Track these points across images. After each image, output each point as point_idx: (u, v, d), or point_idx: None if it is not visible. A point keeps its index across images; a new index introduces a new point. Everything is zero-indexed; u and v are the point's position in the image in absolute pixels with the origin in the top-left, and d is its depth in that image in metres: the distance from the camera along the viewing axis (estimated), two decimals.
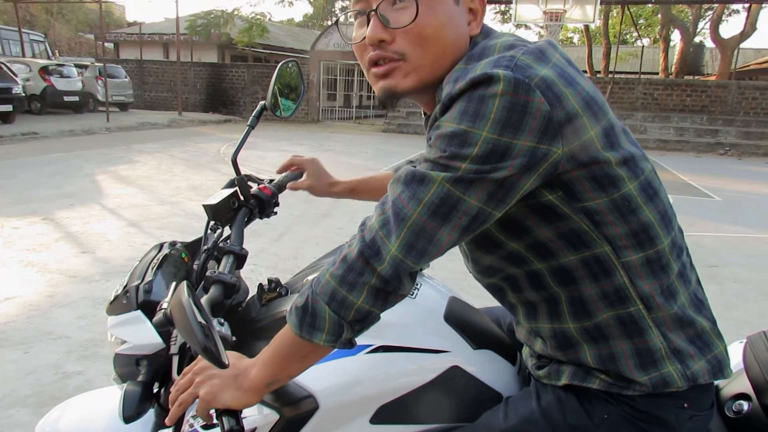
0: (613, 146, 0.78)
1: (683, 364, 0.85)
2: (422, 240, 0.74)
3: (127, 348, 1.01)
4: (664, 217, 0.84)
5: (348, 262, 0.77)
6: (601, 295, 0.84)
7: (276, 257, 4.37)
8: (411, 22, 0.78)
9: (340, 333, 0.79)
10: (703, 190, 8.62)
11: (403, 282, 0.77)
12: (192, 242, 1.23)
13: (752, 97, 16.48)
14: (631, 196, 0.79)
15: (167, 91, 20.96)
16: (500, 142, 0.69)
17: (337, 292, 0.77)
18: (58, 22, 32.99)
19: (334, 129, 17.21)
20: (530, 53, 0.74)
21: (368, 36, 0.80)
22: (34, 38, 21.48)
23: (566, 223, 0.79)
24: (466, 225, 0.74)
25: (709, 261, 4.76)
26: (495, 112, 0.68)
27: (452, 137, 0.71)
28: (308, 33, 33.74)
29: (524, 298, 0.91)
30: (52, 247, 4.44)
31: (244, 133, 1.18)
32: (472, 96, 0.70)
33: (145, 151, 10.38)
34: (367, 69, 0.85)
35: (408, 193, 0.74)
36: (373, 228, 0.77)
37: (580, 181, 0.76)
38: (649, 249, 0.82)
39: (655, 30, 29.22)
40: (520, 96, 0.68)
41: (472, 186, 0.71)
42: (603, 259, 0.81)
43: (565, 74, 0.74)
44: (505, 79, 0.69)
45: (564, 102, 0.71)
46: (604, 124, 0.77)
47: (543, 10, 14.06)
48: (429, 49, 0.80)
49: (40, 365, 2.64)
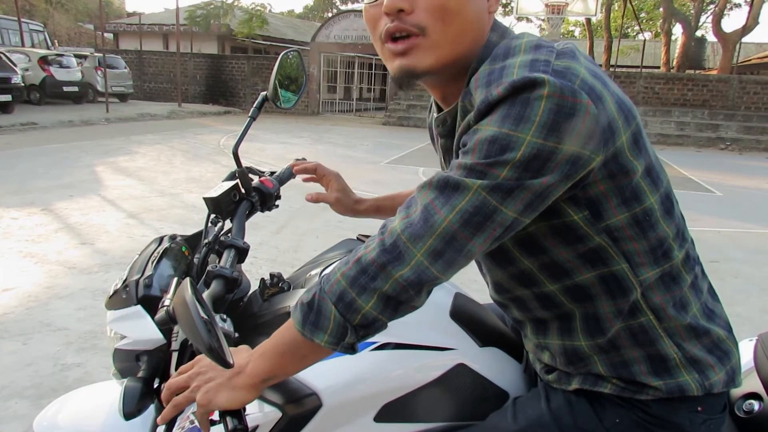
0: (640, 153, 0.74)
1: (702, 374, 0.83)
2: (451, 249, 0.69)
3: (127, 343, 0.99)
4: (679, 231, 0.82)
5: (362, 264, 0.72)
6: (616, 312, 0.81)
7: (276, 250, 4.36)
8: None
9: (343, 336, 0.74)
10: (704, 185, 8.61)
11: (421, 293, 0.72)
12: (192, 235, 1.21)
13: (753, 92, 16.43)
14: (651, 210, 0.76)
15: (167, 82, 20.89)
16: (545, 147, 0.64)
17: (347, 294, 0.73)
18: (58, 12, 32.82)
19: (334, 121, 17.16)
20: (563, 54, 0.70)
21: (387, 3, 0.73)
22: (34, 28, 21.37)
23: (586, 244, 0.77)
24: (498, 235, 0.70)
25: (710, 256, 4.75)
26: (541, 114, 0.64)
27: (492, 142, 0.65)
28: (309, 25, 33.59)
29: (533, 316, 0.89)
30: (51, 238, 4.42)
31: (246, 125, 1.16)
32: (515, 100, 0.65)
33: (145, 142, 10.34)
34: (381, 43, 0.78)
35: (441, 199, 0.69)
36: (395, 232, 0.71)
37: (607, 196, 0.73)
38: (665, 264, 0.79)
39: (657, 24, 29.12)
40: (567, 98, 0.64)
41: (511, 195, 0.66)
42: (620, 277, 0.78)
43: (598, 75, 0.70)
44: (550, 82, 0.64)
45: (606, 104, 0.68)
46: (633, 129, 0.73)
47: (545, 3, 14.00)
48: (451, 24, 0.73)
49: (39, 357, 2.62)
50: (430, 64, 0.76)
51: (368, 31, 0.81)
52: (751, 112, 16.09)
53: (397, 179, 7.61)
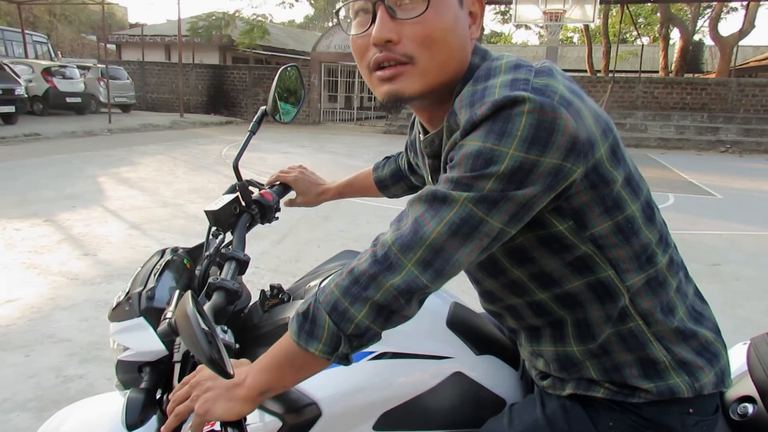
0: (619, 163, 0.77)
1: (692, 376, 0.85)
2: (440, 259, 0.72)
3: (129, 355, 1.00)
4: (662, 236, 0.84)
5: (354, 275, 0.75)
6: (605, 317, 0.84)
7: (278, 260, 4.37)
8: (421, 14, 0.74)
9: (337, 346, 0.76)
10: (704, 188, 8.61)
11: (411, 302, 0.74)
12: (194, 248, 1.23)
13: (752, 95, 16.47)
14: (633, 218, 0.79)
15: (169, 92, 20.99)
16: (527, 160, 0.67)
17: (340, 303, 0.75)
18: (61, 24, 33.04)
19: (335, 130, 17.21)
20: (542, 73, 0.73)
21: (375, 35, 0.75)
22: (37, 39, 21.56)
23: (573, 253, 0.79)
24: (486, 246, 0.73)
25: (711, 259, 4.75)
26: (522, 129, 0.67)
27: (477, 156, 0.69)
28: (309, 35, 33.74)
29: (526, 324, 0.91)
30: (53, 249, 4.44)
31: (246, 139, 1.18)
32: (497, 117, 0.68)
33: (147, 152, 10.39)
34: (369, 71, 0.80)
35: (431, 212, 0.72)
36: (387, 243, 0.74)
37: (590, 206, 0.76)
38: (650, 269, 0.82)
39: (655, 29, 29.18)
40: (547, 113, 0.67)
41: (496, 206, 0.69)
42: (607, 283, 0.81)
43: (575, 91, 0.74)
44: (531, 98, 0.67)
45: (584, 118, 0.71)
46: (611, 141, 0.76)
47: (543, 11, 14.06)
48: (437, 51, 0.77)
49: (41, 368, 2.64)
50: (417, 89, 0.78)
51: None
52: (750, 115, 16.10)
53: None
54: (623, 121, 15.93)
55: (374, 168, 1.40)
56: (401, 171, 1.34)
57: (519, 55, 0.83)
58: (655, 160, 12.06)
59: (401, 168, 1.33)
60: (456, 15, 0.78)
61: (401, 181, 1.35)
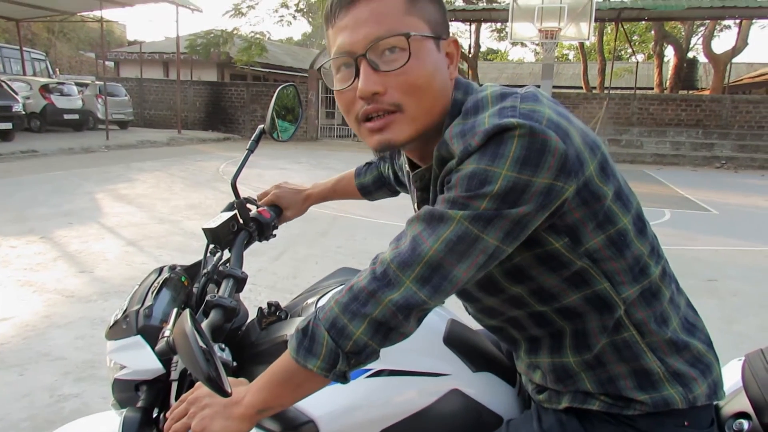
0: (608, 179, 0.80)
1: (685, 387, 0.86)
2: (438, 276, 0.74)
3: (126, 373, 1.00)
4: (653, 248, 0.86)
5: (354, 292, 0.77)
6: (601, 327, 0.85)
7: (275, 276, 4.36)
8: (404, 65, 0.78)
9: (335, 363, 0.77)
10: (700, 203, 8.65)
11: (410, 318, 0.76)
12: (191, 265, 1.23)
13: (746, 111, 16.62)
14: (626, 231, 0.81)
15: (167, 109, 21.07)
16: (520, 180, 0.70)
17: (339, 320, 0.77)
18: (60, 41, 33.24)
19: (332, 147, 17.29)
20: (527, 98, 0.77)
21: (361, 88, 0.78)
22: (35, 56, 21.67)
23: (570, 269, 0.81)
24: (482, 263, 0.75)
25: (708, 275, 4.76)
26: (514, 151, 0.70)
27: (472, 177, 0.72)
28: (307, 52, 34.04)
29: (528, 334, 0.93)
30: (50, 266, 4.43)
31: (244, 157, 1.19)
32: (489, 143, 0.72)
33: (145, 169, 10.40)
34: (357, 122, 0.83)
35: (428, 230, 0.75)
36: (385, 261, 0.77)
37: (583, 222, 0.78)
38: (644, 280, 0.84)
39: (649, 46, 29.49)
40: (537, 136, 0.71)
41: (491, 224, 0.72)
42: (603, 296, 0.83)
43: (561, 113, 0.77)
44: (520, 123, 0.71)
45: (572, 139, 0.74)
46: (599, 158, 0.79)
47: (538, 29, 14.20)
48: (423, 97, 0.80)
49: (35, 387, 2.61)
50: (408, 135, 0.82)
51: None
52: (744, 131, 16.24)
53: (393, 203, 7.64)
54: (619, 137, 16.05)
55: (356, 173, 1.41)
56: (384, 178, 1.36)
57: (515, 71, 0.87)
58: (651, 176, 12.13)
59: (384, 175, 1.35)
60: (435, 60, 0.82)
61: (384, 187, 1.38)
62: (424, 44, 0.80)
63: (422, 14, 0.81)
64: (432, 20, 0.82)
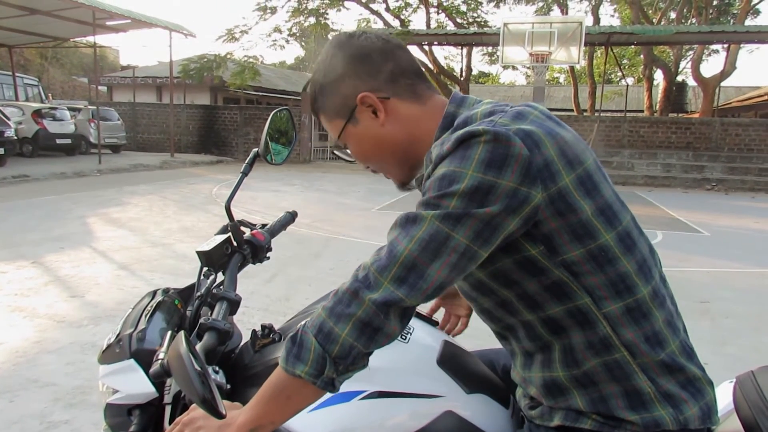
0: (588, 194, 0.82)
1: (676, 408, 0.86)
2: (413, 275, 0.78)
3: (119, 397, 1.00)
4: (643, 267, 0.87)
5: (338, 295, 0.81)
6: (587, 344, 0.86)
7: (268, 299, 4.34)
8: (353, 152, 0.97)
9: (323, 368, 0.79)
10: (692, 225, 8.71)
11: (390, 316, 0.78)
12: (185, 288, 1.24)
13: (735, 134, 16.87)
14: (608, 247, 0.83)
15: (160, 133, 21.12)
16: (485, 180, 0.75)
17: (325, 324, 0.80)
18: (53, 66, 33.40)
19: (325, 169, 17.34)
20: (508, 116, 0.82)
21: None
22: (28, 82, 21.76)
23: (548, 277, 0.83)
24: (454, 262, 0.78)
25: (701, 296, 4.78)
26: (479, 154, 0.76)
27: (443, 178, 0.78)
28: (300, 75, 34.36)
29: (522, 348, 0.94)
30: (40, 291, 4.39)
31: (238, 180, 1.20)
32: (459, 147, 0.78)
33: (137, 192, 10.38)
34: None
35: (403, 233, 0.80)
36: (367, 266, 0.81)
37: (559, 233, 0.81)
38: (628, 298, 0.85)
39: (639, 69, 30.00)
40: (501, 142, 0.76)
41: (460, 223, 0.76)
42: (585, 311, 0.85)
43: (543, 126, 0.81)
44: (487, 130, 0.77)
45: (542, 149, 0.78)
46: (579, 173, 0.82)
47: (529, 52, 14.45)
48: (386, 159, 0.97)
49: (25, 414, 2.57)
50: (402, 178, 1.00)
51: None
52: (734, 153, 16.46)
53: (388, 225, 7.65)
54: (610, 159, 16.20)
55: None
56: None
57: (507, 94, 0.91)
58: (642, 198, 12.21)
59: None
60: (362, 132, 0.94)
61: None
62: (348, 131, 0.95)
63: (330, 113, 0.96)
64: (336, 109, 0.95)
